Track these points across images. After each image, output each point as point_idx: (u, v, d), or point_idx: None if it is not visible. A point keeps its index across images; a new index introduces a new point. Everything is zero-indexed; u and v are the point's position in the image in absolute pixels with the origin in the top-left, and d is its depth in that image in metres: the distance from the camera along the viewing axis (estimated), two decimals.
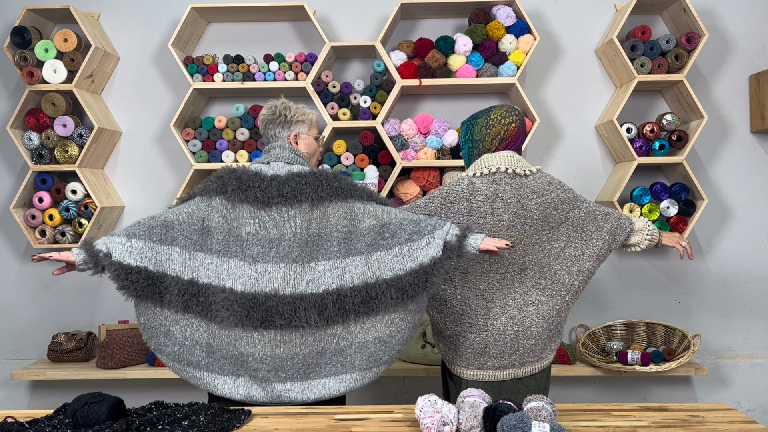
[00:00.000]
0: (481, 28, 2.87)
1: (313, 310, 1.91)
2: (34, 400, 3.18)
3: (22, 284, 3.17)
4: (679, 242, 2.26)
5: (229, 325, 1.92)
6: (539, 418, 1.56)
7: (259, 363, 1.93)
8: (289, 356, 1.93)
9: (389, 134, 2.94)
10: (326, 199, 2.00)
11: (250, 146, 2.95)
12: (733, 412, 1.80)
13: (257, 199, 1.97)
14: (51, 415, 1.74)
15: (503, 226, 2.03)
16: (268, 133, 2.14)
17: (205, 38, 3.12)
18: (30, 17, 2.94)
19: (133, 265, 1.90)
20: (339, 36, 3.11)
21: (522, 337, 2.07)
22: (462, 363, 2.14)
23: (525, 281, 2.08)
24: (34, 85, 2.91)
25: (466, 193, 2.04)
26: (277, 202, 1.97)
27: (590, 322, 3.13)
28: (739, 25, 3.07)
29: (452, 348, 2.15)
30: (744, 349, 3.14)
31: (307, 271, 1.94)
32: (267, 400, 1.95)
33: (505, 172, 2.04)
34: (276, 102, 2.17)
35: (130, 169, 3.15)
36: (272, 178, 1.99)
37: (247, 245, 1.95)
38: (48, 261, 1.86)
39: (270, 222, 1.96)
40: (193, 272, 1.94)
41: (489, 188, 2.03)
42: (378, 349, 1.95)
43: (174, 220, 1.97)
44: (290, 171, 2.02)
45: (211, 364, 1.96)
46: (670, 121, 2.93)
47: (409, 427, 1.70)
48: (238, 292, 1.91)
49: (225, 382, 1.95)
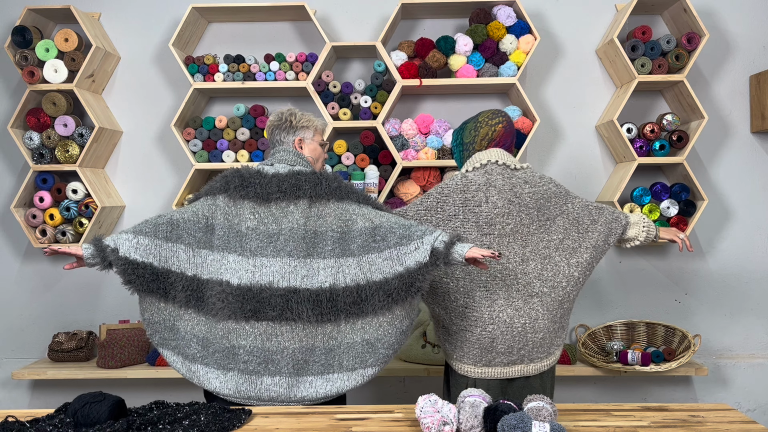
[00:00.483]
0: (482, 28, 2.87)
1: (306, 305, 1.95)
2: (34, 400, 3.18)
3: (22, 284, 3.17)
4: (677, 235, 2.27)
5: (222, 317, 1.96)
6: (539, 417, 1.57)
7: (250, 356, 1.97)
8: (279, 350, 1.96)
9: (390, 134, 2.94)
10: (324, 197, 2.06)
11: (251, 146, 2.95)
12: (733, 412, 1.80)
13: (257, 195, 2.03)
14: (52, 415, 1.74)
15: (499, 213, 2.08)
16: (274, 138, 2.21)
17: (206, 38, 3.12)
18: (31, 17, 2.94)
19: (139, 260, 1.96)
20: (340, 36, 3.11)
21: (530, 330, 2.08)
22: (469, 360, 2.13)
23: (528, 272, 2.10)
24: (34, 84, 2.91)
25: (460, 186, 2.12)
26: (276, 198, 2.03)
27: (590, 322, 3.13)
28: (739, 26, 3.07)
29: (459, 346, 2.14)
30: (744, 350, 3.14)
31: (303, 266, 1.98)
32: (254, 394, 1.98)
33: (496, 163, 2.13)
34: (283, 109, 2.24)
35: (131, 169, 3.15)
36: (273, 175, 2.06)
37: (246, 240, 2.00)
38: (58, 255, 1.92)
39: (269, 217, 2.03)
40: (197, 268, 2.00)
41: (482, 178, 2.11)
42: (365, 351, 1.99)
43: (179, 218, 2.03)
44: (291, 170, 2.09)
45: (206, 357, 2.00)
46: (670, 122, 2.93)
47: (409, 426, 1.70)
48: (234, 285, 1.96)
49: (217, 376, 1.99)
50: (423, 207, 2.15)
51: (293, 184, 2.04)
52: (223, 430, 1.66)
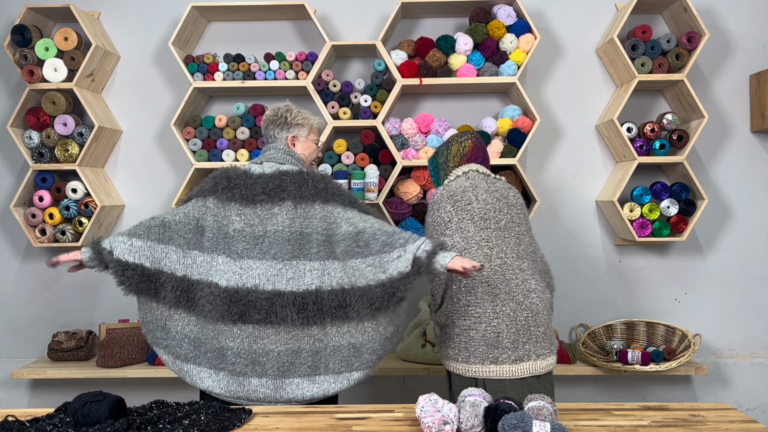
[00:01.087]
0: (482, 27, 2.87)
1: (291, 308, 1.96)
2: (34, 399, 3.18)
3: (22, 283, 3.17)
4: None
5: (211, 319, 1.98)
6: (540, 417, 1.56)
7: (237, 357, 1.98)
8: (265, 352, 1.98)
9: (390, 133, 2.94)
10: (309, 198, 2.06)
11: (251, 145, 2.95)
12: (733, 412, 1.80)
13: (242, 197, 2.04)
14: (52, 414, 1.74)
15: (490, 209, 2.13)
16: (268, 133, 2.21)
17: (206, 37, 3.12)
18: (30, 16, 2.94)
19: (131, 262, 1.98)
20: (339, 35, 3.10)
21: (533, 324, 2.10)
22: (476, 360, 2.10)
23: (524, 269, 2.13)
24: (34, 83, 2.90)
25: (445, 194, 2.19)
26: (261, 200, 2.04)
27: (590, 322, 3.13)
28: (739, 25, 3.07)
29: (464, 347, 2.12)
30: (744, 349, 3.14)
31: (288, 268, 1.99)
32: (243, 395, 2.00)
33: (476, 171, 2.23)
34: (281, 104, 2.23)
35: (131, 168, 3.15)
36: (258, 176, 2.07)
37: (233, 242, 2.01)
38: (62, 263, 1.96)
39: (255, 219, 2.03)
40: (187, 269, 2.01)
41: (466, 182, 2.19)
42: (351, 355, 1.99)
43: (171, 220, 2.04)
44: (278, 169, 2.08)
45: (198, 357, 2.02)
46: (670, 121, 2.93)
47: (409, 426, 1.70)
48: (222, 287, 1.97)
49: (209, 375, 2.01)
50: (426, 230, 2.24)
51: (278, 185, 2.04)
52: (223, 430, 1.66)
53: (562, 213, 3.12)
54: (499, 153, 2.90)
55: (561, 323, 3.13)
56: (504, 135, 2.95)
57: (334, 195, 2.08)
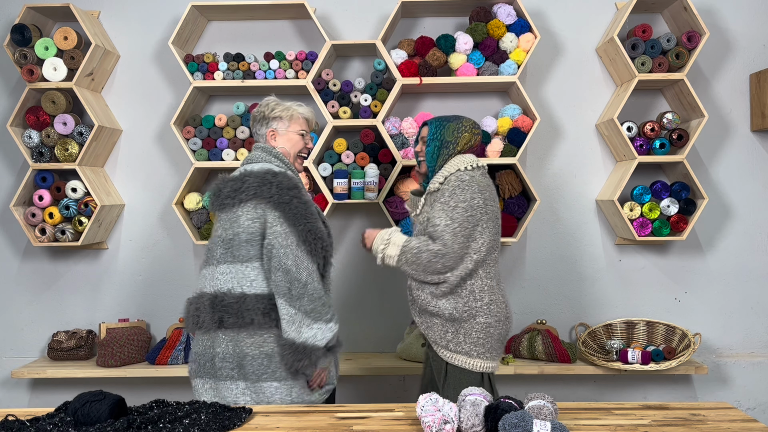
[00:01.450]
0: (482, 26, 2.87)
1: (206, 313, 2.02)
2: (34, 399, 3.17)
3: (22, 282, 3.17)
4: None
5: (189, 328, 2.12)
6: (540, 416, 1.57)
7: (193, 358, 2.11)
8: (201, 353, 2.07)
9: (390, 132, 2.94)
10: (245, 201, 2.00)
11: (251, 144, 2.95)
12: (733, 411, 1.80)
13: (213, 203, 2.09)
14: (52, 414, 1.74)
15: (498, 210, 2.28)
16: (254, 131, 2.23)
17: (206, 36, 3.12)
18: (30, 15, 2.94)
19: None
20: (339, 34, 3.10)
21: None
22: (491, 355, 2.20)
23: (499, 262, 2.32)
24: (34, 83, 2.90)
25: (485, 183, 2.21)
26: (221, 206, 2.06)
27: (590, 321, 3.13)
28: (739, 24, 3.07)
29: (482, 343, 2.18)
30: (744, 348, 3.14)
31: (213, 272, 2.06)
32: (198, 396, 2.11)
33: (484, 167, 2.29)
34: (269, 99, 2.23)
35: (131, 168, 3.15)
36: (227, 181, 2.06)
37: (216, 248, 2.08)
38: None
39: (218, 224, 2.10)
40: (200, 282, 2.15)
41: (488, 180, 2.27)
42: (263, 363, 2.00)
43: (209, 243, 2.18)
44: (243, 171, 2.06)
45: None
46: (670, 120, 2.93)
47: (410, 425, 1.70)
48: (192, 296, 2.12)
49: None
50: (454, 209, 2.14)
51: (233, 188, 2.02)
52: (223, 429, 1.66)
53: (562, 212, 3.12)
54: (500, 152, 2.90)
55: (561, 322, 3.13)
56: (504, 134, 2.94)
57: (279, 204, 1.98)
